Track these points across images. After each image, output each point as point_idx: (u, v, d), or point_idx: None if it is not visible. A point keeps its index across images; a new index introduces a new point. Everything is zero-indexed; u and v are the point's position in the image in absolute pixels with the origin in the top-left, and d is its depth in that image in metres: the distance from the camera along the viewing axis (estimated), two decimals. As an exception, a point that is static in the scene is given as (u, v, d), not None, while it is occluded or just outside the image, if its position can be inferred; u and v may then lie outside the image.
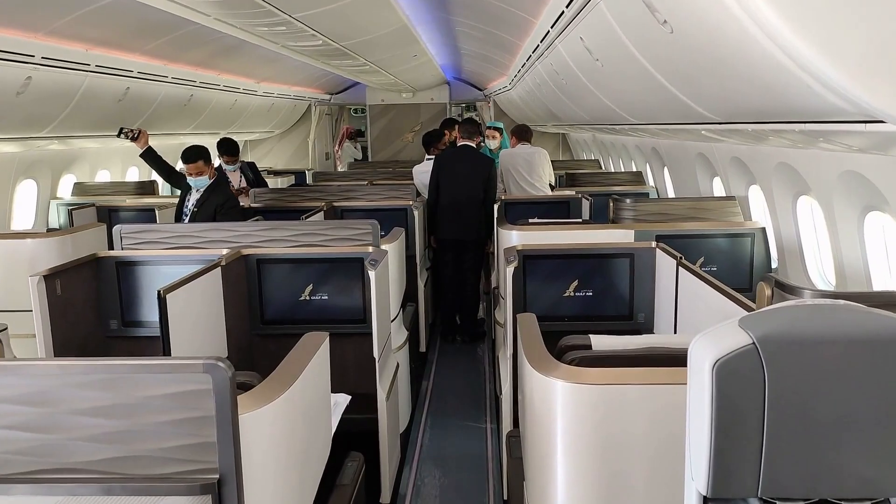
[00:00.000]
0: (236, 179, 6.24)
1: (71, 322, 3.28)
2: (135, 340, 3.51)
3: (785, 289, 2.01)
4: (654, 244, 3.45)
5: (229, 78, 7.74)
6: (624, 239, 3.91)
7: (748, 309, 2.32)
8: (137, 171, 8.35)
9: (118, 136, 5.17)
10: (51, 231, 4.49)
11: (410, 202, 5.65)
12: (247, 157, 12.26)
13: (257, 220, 3.90)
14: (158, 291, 2.67)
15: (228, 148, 6.08)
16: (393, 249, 3.78)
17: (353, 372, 3.62)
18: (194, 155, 4.50)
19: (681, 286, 3.11)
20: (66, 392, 1.48)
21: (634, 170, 7.37)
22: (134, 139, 4.99)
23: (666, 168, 6.11)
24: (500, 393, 4.35)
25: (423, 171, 6.21)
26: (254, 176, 6.35)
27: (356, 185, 7.44)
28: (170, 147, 9.24)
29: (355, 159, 13.18)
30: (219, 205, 4.46)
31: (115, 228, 3.63)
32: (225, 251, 3.46)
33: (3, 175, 5.96)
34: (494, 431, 4.15)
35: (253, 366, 3.53)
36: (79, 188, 7.00)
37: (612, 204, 4.52)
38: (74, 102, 5.23)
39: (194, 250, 3.53)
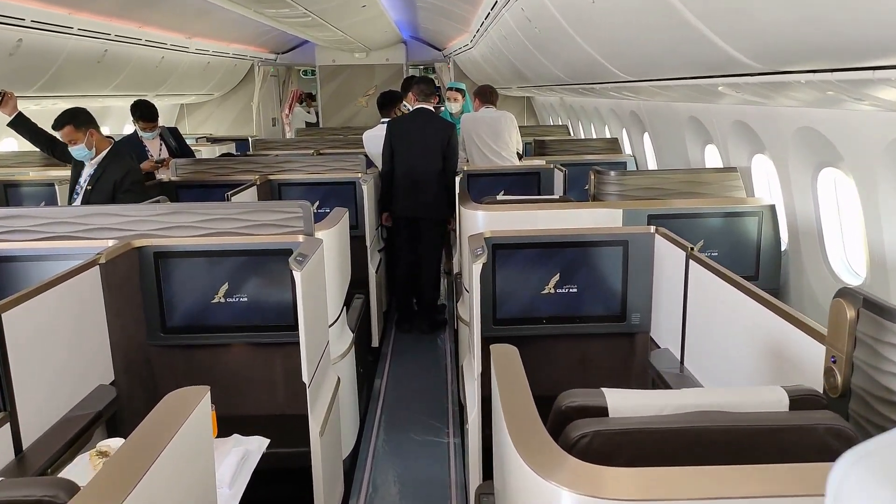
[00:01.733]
0: (155, 148, 5.36)
1: None
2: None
3: (881, 312, 1.37)
4: (653, 229, 2.81)
5: (153, 31, 6.76)
6: (610, 219, 3.26)
7: (811, 331, 1.68)
8: (16, 143, 7.27)
9: None
10: None
11: (359, 174, 4.90)
12: (183, 122, 11.24)
13: (158, 200, 3.11)
14: (-13, 310, 1.91)
15: (144, 112, 5.19)
16: (331, 237, 3.06)
17: (282, 390, 2.92)
18: (63, 119, 3.68)
19: (692, 283, 2.47)
20: None
21: (608, 136, 6.72)
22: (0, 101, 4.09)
23: (647, 134, 5.47)
24: (465, 403, 3.71)
25: (375, 136, 5.43)
26: (177, 144, 5.48)
27: (300, 154, 6.64)
28: (94, 109, 8.24)
29: (307, 124, 12.25)
30: (117, 180, 3.64)
31: (-30, 214, 2.81)
32: (110, 242, 2.69)
33: None
34: (458, 448, 3.51)
35: (154, 385, 2.79)
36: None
37: (593, 177, 3.85)
38: (-56, 54, 4.30)
39: (72, 241, 2.74)
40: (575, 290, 2.85)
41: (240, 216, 2.87)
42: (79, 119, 3.70)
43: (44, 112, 5.59)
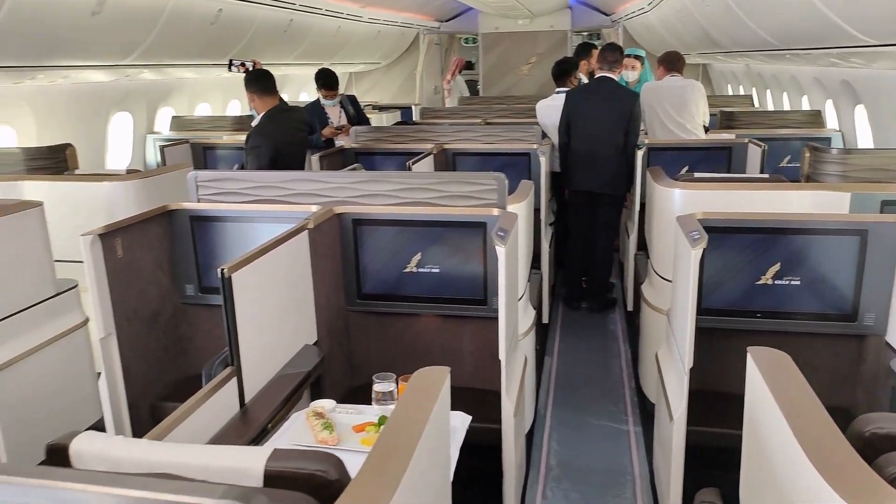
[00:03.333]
0: (335, 115, 5.54)
1: (138, 288, 2.73)
2: (215, 311, 2.92)
3: None
4: (902, 219, 2.43)
5: (331, 2, 6.98)
6: (834, 204, 2.89)
7: None
8: (239, 105, 7.87)
9: (228, 68, 4.60)
10: (132, 172, 3.97)
11: (535, 145, 4.76)
12: (351, 89, 11.63)
13: (355, 168, 3.16)
14: (221, 270, 2.01)
15: (326, 80, 5.36)
16: (522, 211, 2.96)
17: (470, 363, 2.89)
18: (247, 81, 4.06)
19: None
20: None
21: (807, 108, 6.04)
22: (246, 72, 4.37)
23: (861, 107, 4.83)
24: (646, 392, 3.51)
25: (549, 107, 5.23)
26: (355, 111, 5.63)
27: (469, 123, 6.60)
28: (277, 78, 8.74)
29: (461, 94, 12.25)
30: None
31: (190, 175, 3.02)
32: (314, 208, 2.77)
33: (95, 107, 5.57)
34: (639, 438, 3.34)
35: (349, 349, 2.87)
36: (176, 122, 6.58)
37: (807, 154, 3.43)
38: (160, 25, 4.66)
39: (279, 205, 2.86)
40: (798, 282, 2.54)
41: (434, 186, 2.84)
42: (247, 84, 4.04)
43: (235, 77, 5.92)
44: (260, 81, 4.04)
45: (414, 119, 8.24)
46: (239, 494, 0.81)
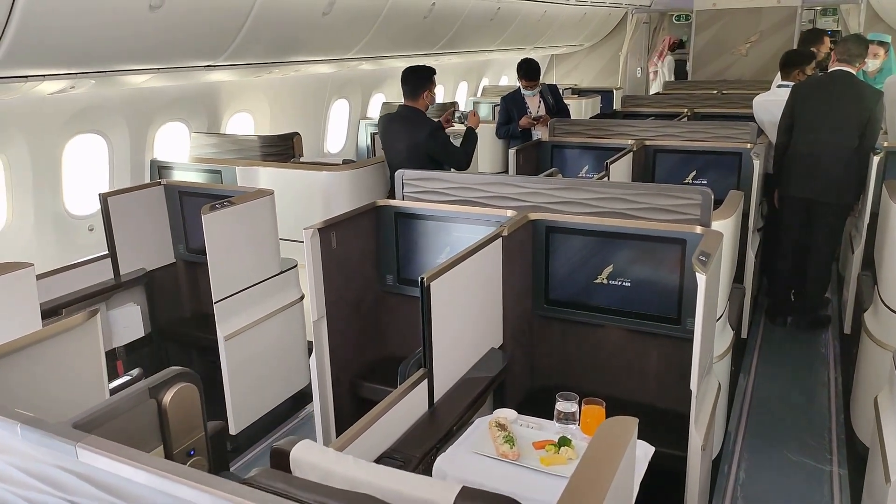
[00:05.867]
0: (534, 105, 5.56)
1: (346, 276, 3.00)
2: (409, 301, 3.13)
3: None
4: None
5: (539, -13, 6.96)
6: None
7: None
8: (442, 89, 8.19)
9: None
10: (347, 162, 4.34)
11: (748, 144, 4.40)
12: (551, 73, 11.54)
13: (552, 173, 3.17)
14: (421, 279, 2.14)
15: (528, 70, 5.39)
16: (728, 228, 2.77)
17: (654, 381, 2.81)
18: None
19: None
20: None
21: None
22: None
23: None
24: (858, 434, 3.14)
25: (770, 102, 4.79)
26: (554, 102, 5.60)
27: (673, 114, 6.26)
28: (475, 63, 8.94)
29: (675, 75, 11.59)
30: None
31: (398, 173, 3.23)
32: (510, 213, 2.83)
33: (319, 94, 6.13)
34: (845, 481, 3.02)
35: (532, 353, 2.93)
36: (386, 108, 7.01)
37: None
38: (380, 21, 4.98)
39: (477, 207, 2.96)
40: None
41: (632, 197, 2.76)
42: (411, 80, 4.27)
43: (443, 65, 6.18)
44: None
45: (614, 107, 8.00)
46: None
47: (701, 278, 2.14)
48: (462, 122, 4.54)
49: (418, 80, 4.22)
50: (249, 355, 3.41)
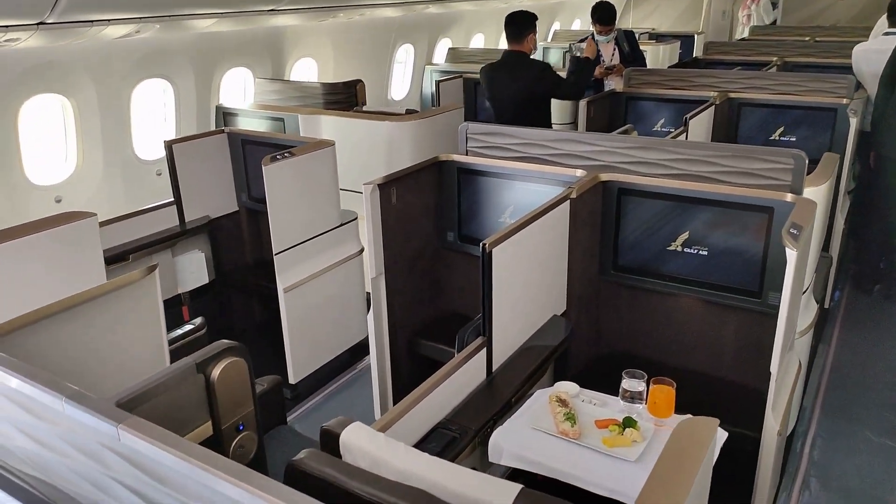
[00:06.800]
0: (608, 53, 5.23)
1: (406, 232, 2.93)
2: (469, 259, 3.04)
3: None
4: None
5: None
6: None
7: None
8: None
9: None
10: (410, 112, 4.20)
11: (844, 99, 4.03)
12: (629, 16, 10.93)
13: (626, 130, 2.96)
14: (483, 244, 2.03)
15: (602, 14, 5.05)
16: (821, 196, 2.53)
17: (729, 354, 2.64)
18: None
19: None
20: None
21: None
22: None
23: None
24: None
25: (874, 51, 4.34)
26: (630, 50, 5.25)
27: (760, 61, 5.81)
28: (546, 6, 8.51)
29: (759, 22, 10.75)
30: None
31: (461, 127, 3.09)
32: (579, 172, 2.66)
33: (383, 39, 5.96)
34: (930, 471, 2.81)
35: (597, 320, 2.80)
36: (452, 54, 6.79)
37: None
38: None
39: (546, 166, 2.80)
40: None
41: (712, 158, 2.55)
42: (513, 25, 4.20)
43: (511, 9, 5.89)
44: None
45: (695, 54, 7.50)
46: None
47: (791, 254, 1.95)
48: (578, 54, 4.40)
49: (524, 21, 4.25)
50: (309, 307, 3.41)
